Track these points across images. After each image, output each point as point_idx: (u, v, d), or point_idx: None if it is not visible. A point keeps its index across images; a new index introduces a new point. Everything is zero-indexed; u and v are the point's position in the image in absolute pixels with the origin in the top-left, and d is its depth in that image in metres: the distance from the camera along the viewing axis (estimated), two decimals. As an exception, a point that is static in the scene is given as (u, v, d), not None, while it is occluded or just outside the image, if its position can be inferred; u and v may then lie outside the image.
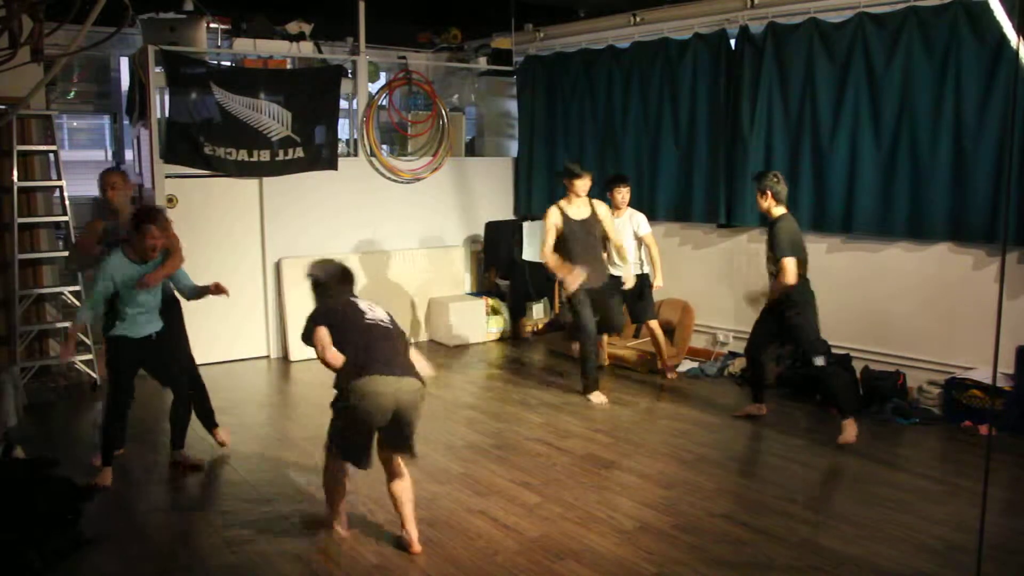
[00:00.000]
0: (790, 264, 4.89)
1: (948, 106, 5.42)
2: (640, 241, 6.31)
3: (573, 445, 5.02)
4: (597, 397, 5.89)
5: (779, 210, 5.07)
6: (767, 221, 5.17)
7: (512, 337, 7.99)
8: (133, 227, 4.31)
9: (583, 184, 5.84)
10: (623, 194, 6.27)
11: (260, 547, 3.72)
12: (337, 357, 3.55)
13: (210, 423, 4.97)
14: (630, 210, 6.35)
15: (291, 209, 7.21)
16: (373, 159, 7.65)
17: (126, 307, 4.35)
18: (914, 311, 5.75)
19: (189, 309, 4.92)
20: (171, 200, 6.57)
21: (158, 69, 6.50)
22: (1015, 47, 2.64)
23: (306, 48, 7.30)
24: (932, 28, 5.44)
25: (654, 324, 6.43)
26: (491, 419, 5.47)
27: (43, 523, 3.60)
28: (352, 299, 3.76)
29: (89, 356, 6.19)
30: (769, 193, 5.06)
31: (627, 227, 6.28)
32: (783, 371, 6.18)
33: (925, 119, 5.53)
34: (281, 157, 7.05)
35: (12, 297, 5.95)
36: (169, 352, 4.61)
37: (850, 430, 4.88)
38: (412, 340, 3.26)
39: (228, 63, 7.23)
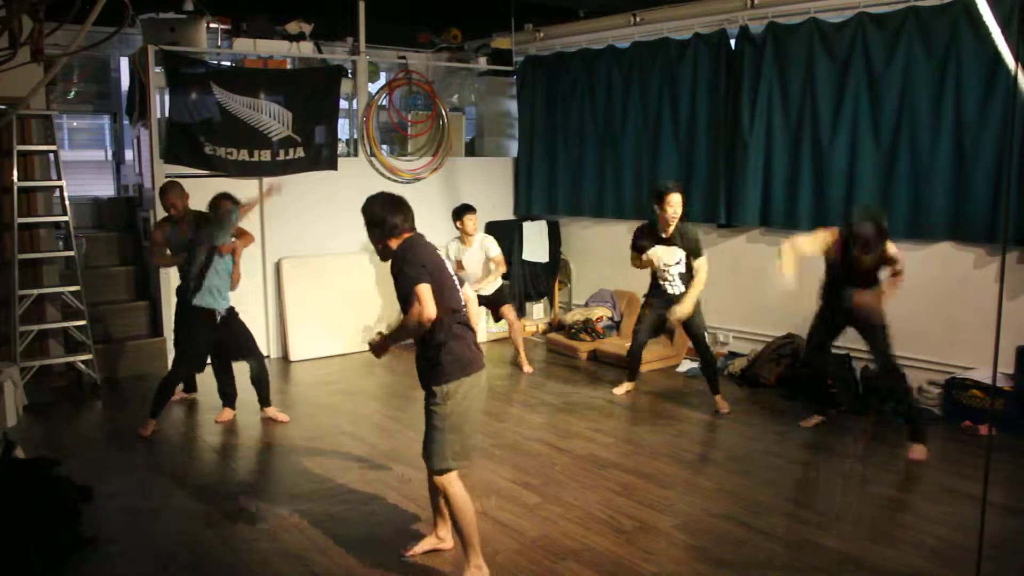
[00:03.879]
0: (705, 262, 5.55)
1: (948, 106, 5.42)
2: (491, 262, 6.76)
3: (573, 445, 5.02)
4: None
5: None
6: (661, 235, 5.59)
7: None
8: (218, 204, 5.11)
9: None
10: (473, 222, 6.70)
11: (260, 547, 3.72)
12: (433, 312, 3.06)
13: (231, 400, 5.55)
14: (480, 235, 6.82)
15: (291, 209, 7.21)
16: (373, 159, 7.65)
17: (207, 276, 5.03)
18: (914, 311, 5.73)
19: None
20: (171, 200, 6.56)
21: (158, 69, 6.50)
22: (1010, 64, 2.64)
23: (306, 48, 7.30)
24: (932, 28, 5.44)
25: (507, 309, 6.84)
26: (491, 419, 5.46)
27: (43, 523, 3.60)
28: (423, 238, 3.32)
29: (89, 356, 6.19)
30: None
31: (479, 254, 6.74)
32: (782, 371, 6.17)
33: (925, 119, 5.53)
34: (282, 157, 7.05)
35: (12, 297, 5.95)
36: (239, 325, 5.30)
37: (721, 404, 5.66)
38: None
39: (228, 63, 7.24)
